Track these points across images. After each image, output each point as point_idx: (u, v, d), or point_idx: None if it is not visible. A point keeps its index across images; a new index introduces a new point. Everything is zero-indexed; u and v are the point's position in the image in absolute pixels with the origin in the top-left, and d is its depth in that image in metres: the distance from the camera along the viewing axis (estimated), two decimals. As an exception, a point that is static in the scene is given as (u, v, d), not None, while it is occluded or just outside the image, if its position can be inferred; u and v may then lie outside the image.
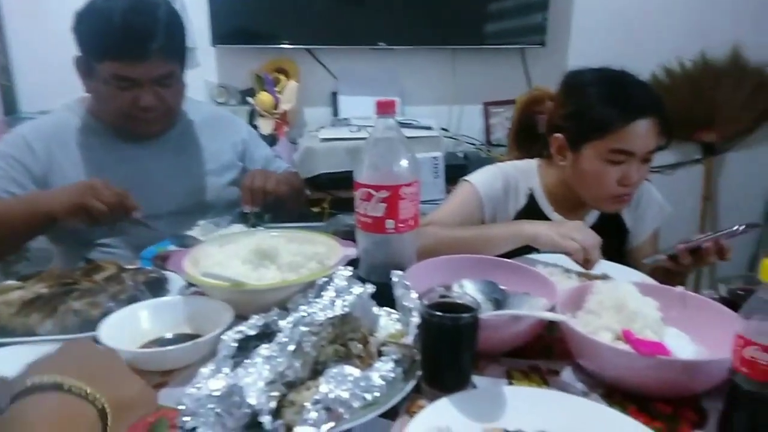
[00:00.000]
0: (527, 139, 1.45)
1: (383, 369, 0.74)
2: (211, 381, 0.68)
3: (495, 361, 0.92)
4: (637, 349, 0.76)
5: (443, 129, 2.57)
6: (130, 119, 1.35)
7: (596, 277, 1.10)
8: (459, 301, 0.84)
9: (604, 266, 1.17)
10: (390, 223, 0.99)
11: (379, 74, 2.60)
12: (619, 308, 0.89)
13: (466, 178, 1.39)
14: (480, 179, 1.37)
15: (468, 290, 1.04)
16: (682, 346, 0.82)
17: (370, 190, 0.97)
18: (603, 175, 1.22)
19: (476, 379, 0.87)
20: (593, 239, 1.09)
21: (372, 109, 0.99)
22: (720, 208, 2.66)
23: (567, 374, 0.90)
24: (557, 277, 1.14)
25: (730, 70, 2.43)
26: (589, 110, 1.22)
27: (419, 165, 1.03)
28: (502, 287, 1.04)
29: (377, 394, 0.71)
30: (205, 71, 2.54)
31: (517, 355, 0.94)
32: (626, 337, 0.77)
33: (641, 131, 1.19)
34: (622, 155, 1.20)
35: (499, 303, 1.00)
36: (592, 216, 1.38)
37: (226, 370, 0.73)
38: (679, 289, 0.97)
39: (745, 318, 0.68)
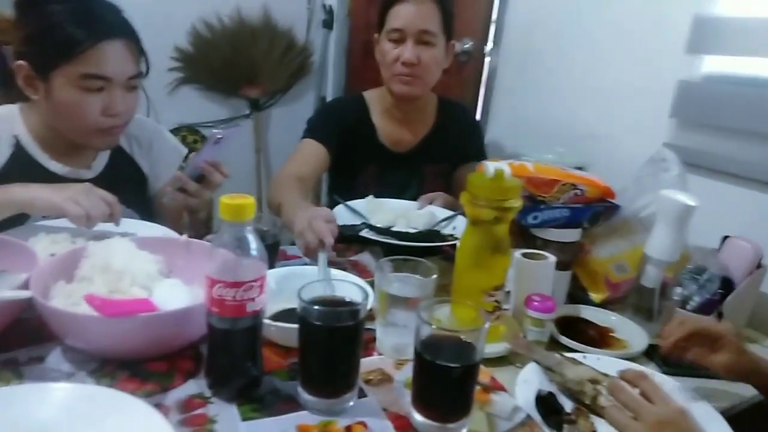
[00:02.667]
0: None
1: None
2: None
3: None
4: (101, 312, 0.68)
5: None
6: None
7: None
8: None
9: (129, 224, 1.06)
10: None
11: None
12: (106, 269, 0.79)
13: None
14: None
15: None
16: (176, 296, 0.79)
17: None
18: (81, 106, 1.07)
19: None
20: (100, 204, 0.94)
21: None
22: (271, 160, 2.93)
23: (54, 358, 0.76)
24: (61, 245, 0.96)
25: (263, 30, 2.63)
26: (52, 31, 1.04)
27: None
28: (-30, 270, 0.81)
29: None
30: None
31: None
32: (89, 301, 0.68)
33: (113, 53, 1.06)
34: (99, 81, 1.06)
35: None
36: (101, 160, 1.23)
37: None
38: (183, 237, 0.94)
39: (210, 258, 0.67)
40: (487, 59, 1.99)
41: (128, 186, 1.22)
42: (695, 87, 1.37)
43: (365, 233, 1.20)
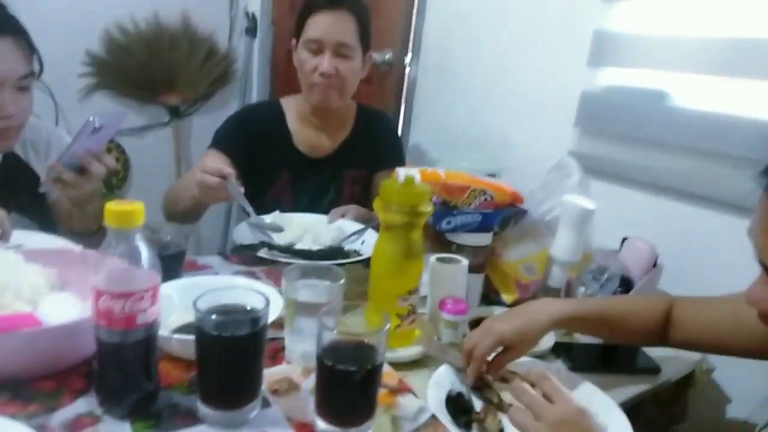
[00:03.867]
0: None
1: None
2: None
3: None
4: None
5: None
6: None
7: None
8: None
9: (22, 236, 0.98)
10: None
11: None
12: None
13: None
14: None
15: None
16: (64, 311, 0.74)
17: None
18: None
19: None
20: None
21: None
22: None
23: (-77, 382, 0.69)
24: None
25: (182, 35, 2.55)
26: None
27: None
28: None
29: None
30: None
31: None
32: (-41, 318, 0.64)
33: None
34: None
35: None
36: None
37: None
38: (78, 249, 0.89)
39: (96, 270, 0.63)
40: (407, 69, 2.02)
41: (24, 193, 1.14)
42: (596, 97, 1.45)
43: (263, 253, 1.17)
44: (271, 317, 0.74)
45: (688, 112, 1.27)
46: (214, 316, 0.66)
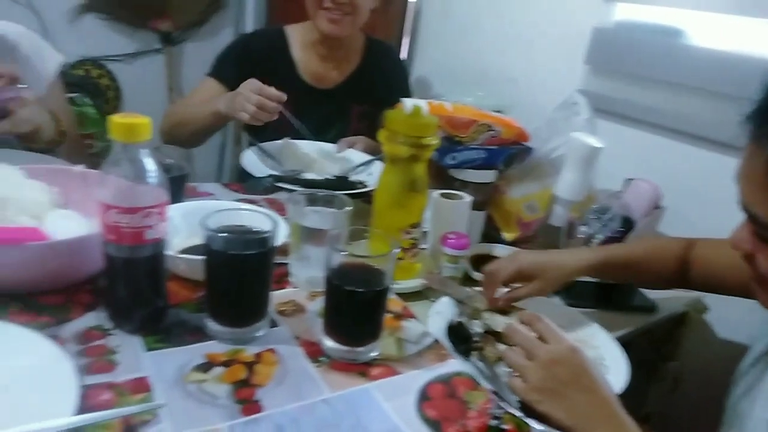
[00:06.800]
0: None
1: None
2: None
3: None
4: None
5: None
6: None
7: None
8: None
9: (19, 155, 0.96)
10: None
11: None
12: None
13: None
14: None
15: None
16: (70, 227, 0.73)
17: None
18: None
19: None
20: None
21: None
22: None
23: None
24: None
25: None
26: None
27: None
28: None
29: None
30: None
31: None
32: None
33: None
34: None
35: None
36: None
37: None
38: (79, 168, 0.87)
39: (103, 183, 0.62)
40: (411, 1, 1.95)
41: None
42: (608, 34, 1.41)
43: (269, 182, 1.16)
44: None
45: (702, 52, 1.24)
46: (223, 234, 0.66)
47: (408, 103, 0.88)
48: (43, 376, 0.57)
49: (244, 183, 1.24)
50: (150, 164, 0.63)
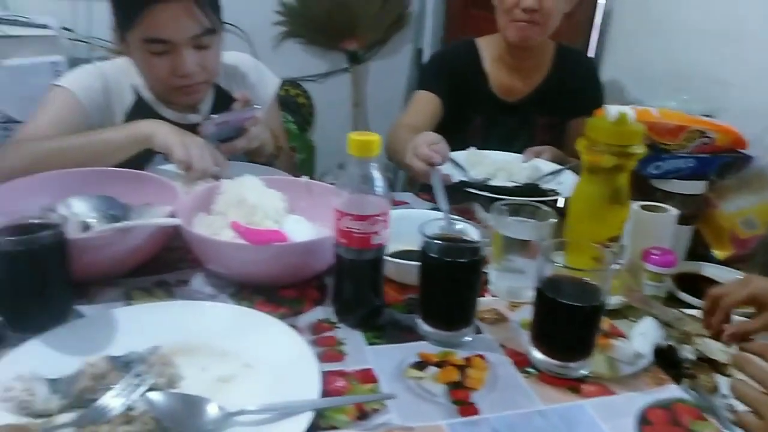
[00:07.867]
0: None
1: None
2: None
3: (110, 285, 0.80)
4: (247, 239, 0.74)
5: (66, 29, 2.15)
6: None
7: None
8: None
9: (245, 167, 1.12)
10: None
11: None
12: (240, 204, 0.85)
13: (56, 82, 1.14)
14: (74, 82, 1.13)
15: (77, 210, 0.87)
16: (302, 230, 0.84)
17: None
18: (150, 67, 1.09)
19: (85, 308, 0.74)
20: (207, 158, 0.97)
21: None
22: (369, 113, 2.96)
23: (197, 282, 0.84)
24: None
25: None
26: None
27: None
28: (122, 201, 0.91)
29: None
30: None
31: (141, 273, 0.84)
32: (235, 227, 0.74)
33: (168, 16, 1.04)
34: (159, 44, 1.05)
35: (118, 219, 0.86)
36: (206, 104, 1.26)
37: None
38: (304, 179, 0.99)
39: (339, 192, 0.70)
40: (601, 0, 1.87)
41: None
42: None
43: (457, 184, 1.17)
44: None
45: None
46: (439, 242, 0.70)
47: (612, 109, 0.85)
48: (287, 360, 0.66)
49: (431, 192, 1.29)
50: (378, 176, 0.70)
